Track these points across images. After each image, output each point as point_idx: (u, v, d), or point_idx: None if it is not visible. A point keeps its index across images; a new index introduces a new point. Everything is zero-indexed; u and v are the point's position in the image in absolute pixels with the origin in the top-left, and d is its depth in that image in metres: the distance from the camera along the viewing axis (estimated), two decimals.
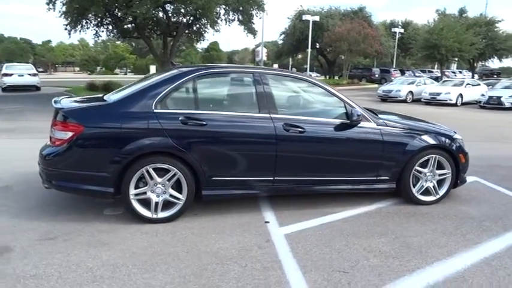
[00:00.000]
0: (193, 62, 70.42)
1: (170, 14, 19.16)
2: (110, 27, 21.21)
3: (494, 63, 37.48)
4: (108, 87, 21.70)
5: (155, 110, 3.69)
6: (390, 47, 39.73)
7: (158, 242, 3.42)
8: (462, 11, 34.77)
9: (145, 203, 3.76)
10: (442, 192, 4.51)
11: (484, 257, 3.28)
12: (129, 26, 21.04)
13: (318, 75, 43.64)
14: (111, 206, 4.17)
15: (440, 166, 4.47)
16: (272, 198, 4.41)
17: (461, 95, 19.76)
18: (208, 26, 20.97)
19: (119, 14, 19.35)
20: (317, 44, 37.80)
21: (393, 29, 42.57)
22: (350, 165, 4.22)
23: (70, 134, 3.57)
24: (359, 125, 4.14)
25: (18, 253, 3.18)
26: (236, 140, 3.86)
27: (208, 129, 3.76)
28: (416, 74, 35.07)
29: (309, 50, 36.53)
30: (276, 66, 77.65)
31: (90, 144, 3.62)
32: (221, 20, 20.75)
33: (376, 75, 38.31)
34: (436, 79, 27.61)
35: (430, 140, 4.38)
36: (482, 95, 19.18)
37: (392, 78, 31.06)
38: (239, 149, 3.87)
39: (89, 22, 20.02)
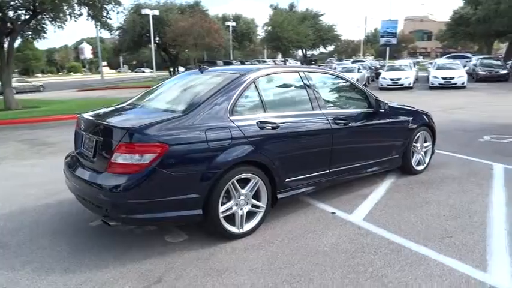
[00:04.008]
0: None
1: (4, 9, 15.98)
2: None
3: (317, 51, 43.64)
4: None
5: (231, 118, 3.43)
6: (228, 39, 41.75)
7: (270, 256, 3.25)
8: (292, 6, 39.17)
9: (228, 218, 3.49)
10: (427, 161, 5.46)
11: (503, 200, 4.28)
12: None
13: (152, 70, 42.33)
14: (166, 232, 3.67)
15: (425, 140, 5.38)
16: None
17: None
18: (48, 22, 18.43)
19: None
20: (157, 39, 36.89)
21: (226, 23, 44.74)
22: (379, 148, 4.74)
23: (150, 156, 3.03)
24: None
25: None
26: (303, 138, 3.91)
27: (281, 131, 3.69)
28: (254, 63, 37.94)
29: (153, 45, 35.52)
30: (104, 63, 71.99)
31: (176, 165, 3.12)
32: (64, 16, 18.43)
33: None
34: None
35: (420, 119, 5.24)
36: None
37: None
38: (306, 147, 3.93)
39: None
